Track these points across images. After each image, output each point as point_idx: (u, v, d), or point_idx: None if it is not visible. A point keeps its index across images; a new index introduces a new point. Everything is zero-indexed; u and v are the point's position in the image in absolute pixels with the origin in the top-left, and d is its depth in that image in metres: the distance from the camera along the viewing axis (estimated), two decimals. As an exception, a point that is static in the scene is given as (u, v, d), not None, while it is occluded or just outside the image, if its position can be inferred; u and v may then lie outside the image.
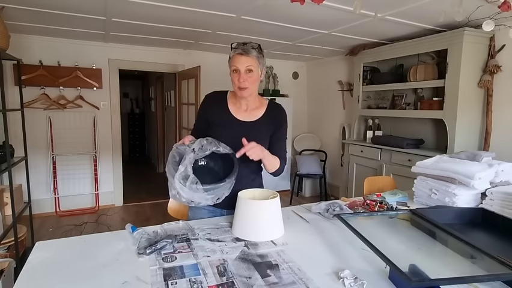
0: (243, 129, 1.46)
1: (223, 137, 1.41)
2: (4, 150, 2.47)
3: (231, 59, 1.41)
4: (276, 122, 1.53)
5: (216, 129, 1.48)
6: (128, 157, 7.62)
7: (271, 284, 0.92)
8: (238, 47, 1.38)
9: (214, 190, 1.23)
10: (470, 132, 2.90)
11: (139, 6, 2.55)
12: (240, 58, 1.38)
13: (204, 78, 3.86)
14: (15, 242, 2.52)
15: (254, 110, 1.52)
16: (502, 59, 2.76)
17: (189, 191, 1.19)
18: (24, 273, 0.96)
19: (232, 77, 1.42)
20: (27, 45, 3.69)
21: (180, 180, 1.18)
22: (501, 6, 2.01)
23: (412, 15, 2.60)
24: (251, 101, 1.50)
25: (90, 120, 4.12)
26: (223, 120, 1.49)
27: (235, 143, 1.38)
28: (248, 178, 1.51)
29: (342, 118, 4.68)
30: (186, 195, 1.20)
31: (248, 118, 1.50)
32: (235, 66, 1.39)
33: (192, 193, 1.19)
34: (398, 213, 1.43)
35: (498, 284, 0.92)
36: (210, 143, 1.29)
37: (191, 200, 1.22)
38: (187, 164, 1.21)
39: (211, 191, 1.22)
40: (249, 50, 1.37)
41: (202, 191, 1.19)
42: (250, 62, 1.38)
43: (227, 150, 1.33)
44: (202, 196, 1.21)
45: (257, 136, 1.43)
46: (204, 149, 1.26)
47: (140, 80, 8.28)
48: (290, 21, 2.88)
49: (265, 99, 1.58)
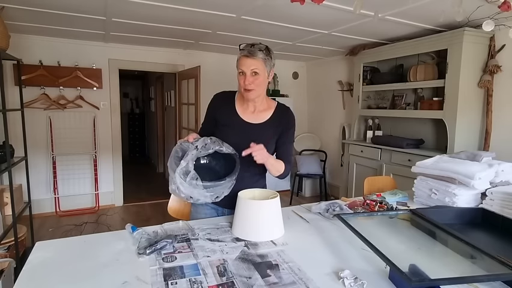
0: (249, 130, 1.46)
1: (229, 137, 1.41)
2: (4, 150, 2.47)
3: (238, 61, 1.40)
4: (283, 125, 1.51)
5: (222, 129, 1.48)
6: (128, 157, 7.62)
7: (271, 284, 0.92)
8: (245, 49, 1.37)
9: (214, 188, 1.23)
10: (470, 132, 2.90)
11: (139, 6, 2.55)
12: (245, 60, 1.36)
13: (204, 78, 3.86)
14: (15, 242, 2.52)
15: (262, 111, 1.50)
16: (502, 59, 2.76)
17: (189, 187, 1.19)
18: (24, 273, 0.96)
19: (239, 79, 1.41)
20: (27, 45, 3.69)
21: (181, 175, 1.19)
22: (501, 6, 2.02)
23: (412, 15, 2.60)
24: (258, 102, 1.48)
25: (90, 120, 4.12)
26: (230, 121, 1.48)
27: (240, 144, 1.37)
28: (252, 179, 1.50)
29: (342, 118, 4.68)
30: (186, 191, 1.20)
31: (255, 120, 1.49)
32: (240, 69, 1.38)
33: (191, 189, 1.20)
34: (398, 213, 1.43)
35: (498, 284, 0.92)
36: (214, 142, 1.29)
37: (190, 195, 1.22)
38: (189, 160, 1.21)
39: (210, 189, 1.22)
40: (255, 52, 1.35)
41: (202, 187, 1.20)
42: (255, 64, 1.36)
43: (230, 150, 1.32)
44: (201, 193, 1.21)
45: (263, 138, 1.42)
46: (207, 148, 1.27)
47: (140, 80, 8.28)
48: (290, 21, 2.88)
49: (274, 101, 1.56)
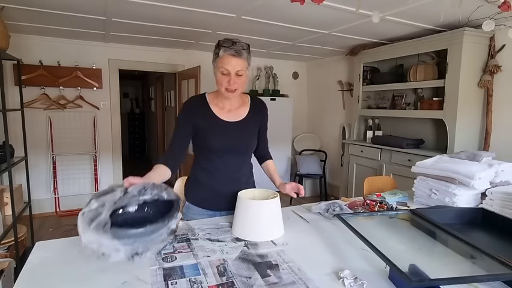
0: (232, 130, 1.44)
1: (213, 140, 1.41)
2: (4, 150, 2.47)
3: (220, 59, 1.31)
4: (260, 117, 1.54)
5: (203, 134, 1.42)
6: (128, 157, 7.61)
7: (271, 284, 0.92)
8: (229, 47, 1.29)
9: (132, 239, 0.89)
10: (470, 132, 2.90)
11: (139, 6, 2.55)
12: (231, 59, 1.30)
13: (203, 78, 3.86)
14: (15, 242, 2.52)
15: (238, 108, 1.48)
16: (502, 59, 2.76)
17: (93, 234, 0.85)
18: (24, 273, 0.96)
19: (220, 78, 1.34)
20: (27, 45, 3.69)
21: (86, 220, 0.88)
22: (501, 6, 2.02)
23: (412, 15, 2.60)
24: (234, 100, 1.46)
25: (90, 120, 4.12)
26: (210, 124, 1.42)
27: (226, 145, 1.40)
28: (242, 180, 1.52)
29: (342, 118, 4.68)
30: (89, 241, 0.87)
31: (234, 118, 1.46)
32: (225, 68, 1.31)
33: (97, 237, 0.86)
34: (398, 213, 1.43)
35: (498, 284, 0.92)
36: (154, 187, 1.05)
37: (100, 250, 0.87)
38: (106, 201, 0.93)
39: (124, 240, 0.88)
40: (241, 51, 1.30)
41: (110, 236, 0.85)
42: (241, 64, 1.32)
43: (172, 196, 1.07)
44: (111, 245, 0.86)
45: (246, 135, 1.45)
46: (143, 193, 1.02)
47: (140, 80, 8.27)
48: (290, 21, 2.88)
49: (245, 95, 1.53)
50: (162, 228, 0.94)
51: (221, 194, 1.47)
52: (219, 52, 1.31)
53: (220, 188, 1.47)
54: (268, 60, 4.99)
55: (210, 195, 1.49)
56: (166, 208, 0.99)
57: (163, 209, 1.01)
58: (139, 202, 1.02)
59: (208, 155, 1.46)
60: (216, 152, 1.44)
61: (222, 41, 1.32)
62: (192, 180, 1.53)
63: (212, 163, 1.46)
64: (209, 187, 1.48)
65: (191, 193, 1.53)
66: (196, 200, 1.51)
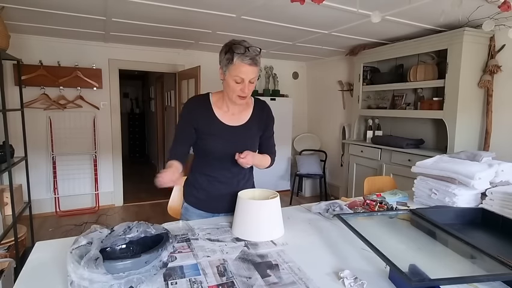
0: (233, 134, 1.42)
1: (213, 145, 1.39)
2: (4, 150, 2.47)
3: (234, 66, 1.25)
4: (264, 121, 1.50)
5: (204, 138, 1.40)
6: (128, 157, 7.62)
7: (271, 284, 0.92)
8: (244, 55, 1.23)
9: (124, 272, 0.85)
10: (470, 132, 2.90)
11: (139, 6, 2.55)
12: (247, 69, 1.25)
13: (203, 78, 3.86)
14: (15, 242, 2.52)
15: (241, 112, 1.45)
16: (502, 59, 2.76)
17: (84, 271, 0.81)
18: (24, 273, 0.96)
19: (233, 85, 1.29)
20: (27, 45, 3.69)
21: (75, 257, 0.84)
22: (501, 6, 2.02)
23: (412, 15, 2.60)
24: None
25: (90, 120, 4.12)
26: (211, 128, 1.39)
27: (226, 150, 1.38)
28: (242, 180, 1.52)
29: (342, 118, 4.68)
30: (80, 276, 0.81)
31: (236, 122, 1.43)
32: (240, 77, 1.27)
33: (88, 273, 0.81)
34: (398, 213, 1.43)
35: (498, 284, 0.92)
36: (140, 225, 1.04)
37: (89, 283, 0.81)
38: (94, 238, 0.91)
39: (117, 273, 0.84)
40: (256, 59, 1.26)
41: (104, 271, 0.82)
42: (256, 72, 1.29)
43: (160, 230, 1.05)
44: (104, 279, 0.82)
45: (248, 139, 1.43)
46: (129, 232, 1.02)
47: (140, 80, 8.28)
48: (290, 21, 2.88)
49: (250, 97, 1.47)
50: (156, 258, 0.91)
51: (220, 197, 1.46)
52: (232, 59, 1.25)
53: (219, 191, 1.47)
54: (268, 60, 4.99)
55: (209, 198, 1.48)
56: (155, 244, 0.96)
57: (152, 245, 0.96)
58: (125, 241, 1.02)
59: (208, 159, 1.45)
60: (216, 157, 1.43)
61: (235, 47, 1.25)
62: (191, 182, 1.53)
63: (212, 168, 1.45)
64: (208, 191, 1.47)
65: (189, 195, 1.53)
66: (194, 202, 1.51)
